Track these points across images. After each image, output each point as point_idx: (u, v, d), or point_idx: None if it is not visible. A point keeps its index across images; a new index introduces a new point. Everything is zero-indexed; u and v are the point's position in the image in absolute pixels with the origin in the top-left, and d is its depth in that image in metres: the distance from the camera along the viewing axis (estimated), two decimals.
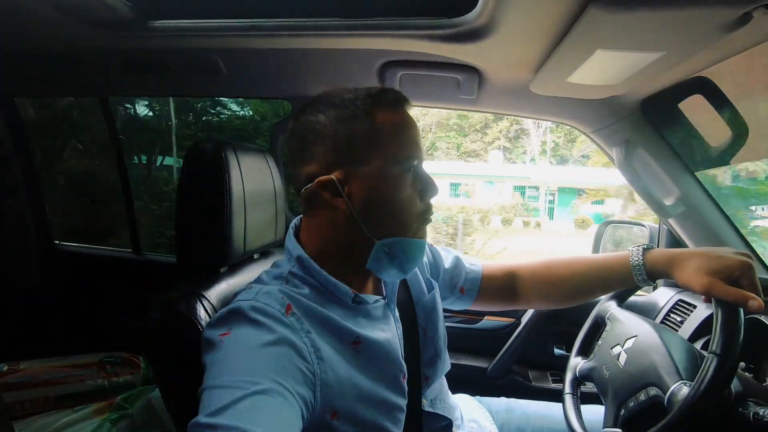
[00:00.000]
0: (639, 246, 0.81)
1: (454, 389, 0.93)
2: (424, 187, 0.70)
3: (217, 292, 0.75)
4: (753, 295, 0.64)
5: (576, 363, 0.92)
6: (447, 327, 0.88)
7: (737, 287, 0.66)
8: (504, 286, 0.94)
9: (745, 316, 0.64)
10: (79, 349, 1.66)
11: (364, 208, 0.66)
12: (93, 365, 1.51)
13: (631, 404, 0.74)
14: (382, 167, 0.66)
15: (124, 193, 1.78)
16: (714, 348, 0.62)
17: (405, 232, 0.68)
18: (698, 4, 0.58)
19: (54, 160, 2.87)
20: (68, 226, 2.55)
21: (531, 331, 1.40)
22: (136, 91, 1.66)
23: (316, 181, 0.66)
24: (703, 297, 0.71)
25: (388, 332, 0.71)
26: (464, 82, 1.08)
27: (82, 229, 2.70)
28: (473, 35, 0.86)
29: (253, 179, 0.83)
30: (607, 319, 0.91)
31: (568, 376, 0.92)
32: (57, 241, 1.83)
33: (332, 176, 0.65)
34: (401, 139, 0.67)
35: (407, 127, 0.68)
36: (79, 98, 2.56)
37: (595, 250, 1.55)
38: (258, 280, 0.70)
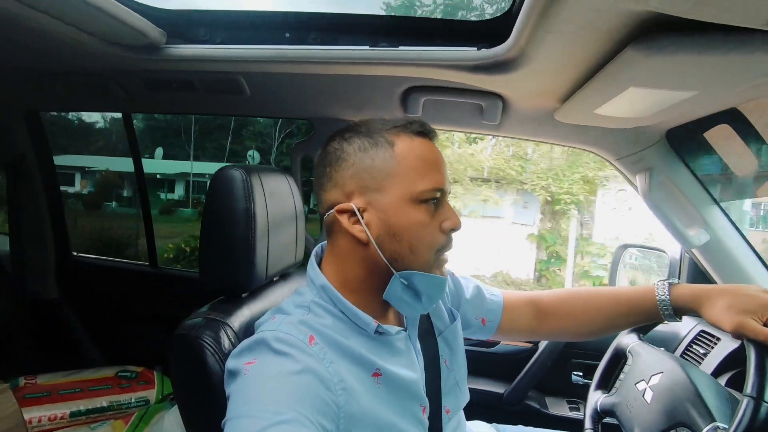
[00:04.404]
0: (665, 281, 0.80)
1: (469, 415, 0.92)
2: (445, 220, 0.68)
3: (239, 319, 0.75)
4: None
5: (596, 397, 0.91)
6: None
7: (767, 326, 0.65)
8: (526, 318, 0.92)
9: None
10: (94, 361, 1.67)
11: (383, 237, 0.65)
12: (108, 380, 1.52)
13: None
14: (402, 197, 0.65)
15: (142, 207, 1.80)
16: (749, 391, 0.61)
17: (423, 265, 0.66)
18: (738, 49, 0.58)
19: None
20: None
21: (549, 357, 1.39)
22: (158, 108, 1.68)
23: (336, 208, 0.67)
24: (732, 335, 0.69)
25: (410, 367, 0.70)
26: (488, 108, 1.08)
27: None
28: (501, 67, 0.86)
29: (276, 203, 0.83)
30: (629, 352, 0.89)
31: (588, 411, 0.90)
32: (75, 253, 1.85)
33: (351, 204, 0.65)
34: (422, 170, 0.66)
35: (430, 158, 0.67)
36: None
37: (612, 273, 1.53)
38: (280, 310, 0.69)
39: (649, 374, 0.82)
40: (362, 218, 0.65)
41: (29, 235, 1.72)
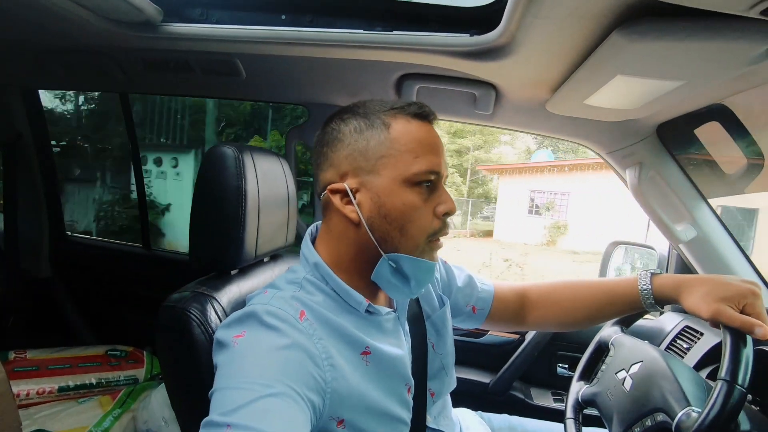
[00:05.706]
0: (647, 271, 0.81)
1: (455, 403, 0.93)
2: (440, 204, 0.68)
3: (227, 295, 0.76)
4: (760, 322, 0.64)
5: (578, 387, 0.91)
6: None
7: (744, 315, 0.66)
8: (515, 308, 0.94)
9: (753, 345, 0.64)
10: (85, 340, 1.68)
11: (374, 218, 0.65)
12: (98, 357, 1.53)
13: (637, 430, 0.73)
14: (395, 179, 0.65)
15: (137, 189, 1.80)
16: (723, 375, 0.62)
17: (413, 249, 0.67)
18: (723, 37, 0.59)
19: None
20: None
21: (535, 349, 1.40)
22: (155, 89, 1.69)
23: (329, 187, 0.67)
24: (710, 323, 0.70)
25: (397, 346, 0.71)
26: (481, 97, 1.09)
27: None
28: (493, 54, 0.87)
29: (268, 183, 0.83)
30: (611, 344, 0.90)
31: (570, 401, 0.91)
32: (69, 233, 1.85)
33: (344, 184, 0.66)
34: (417, 152, 0.65)
35: (426, 141, 0.67)
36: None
37: (603, 270, 1.54)
38: (272, 285, 0.70)
39: (630, 363, 0.82)
40: (354, 198, 0.66)
41: (24, 214, 1.72)
